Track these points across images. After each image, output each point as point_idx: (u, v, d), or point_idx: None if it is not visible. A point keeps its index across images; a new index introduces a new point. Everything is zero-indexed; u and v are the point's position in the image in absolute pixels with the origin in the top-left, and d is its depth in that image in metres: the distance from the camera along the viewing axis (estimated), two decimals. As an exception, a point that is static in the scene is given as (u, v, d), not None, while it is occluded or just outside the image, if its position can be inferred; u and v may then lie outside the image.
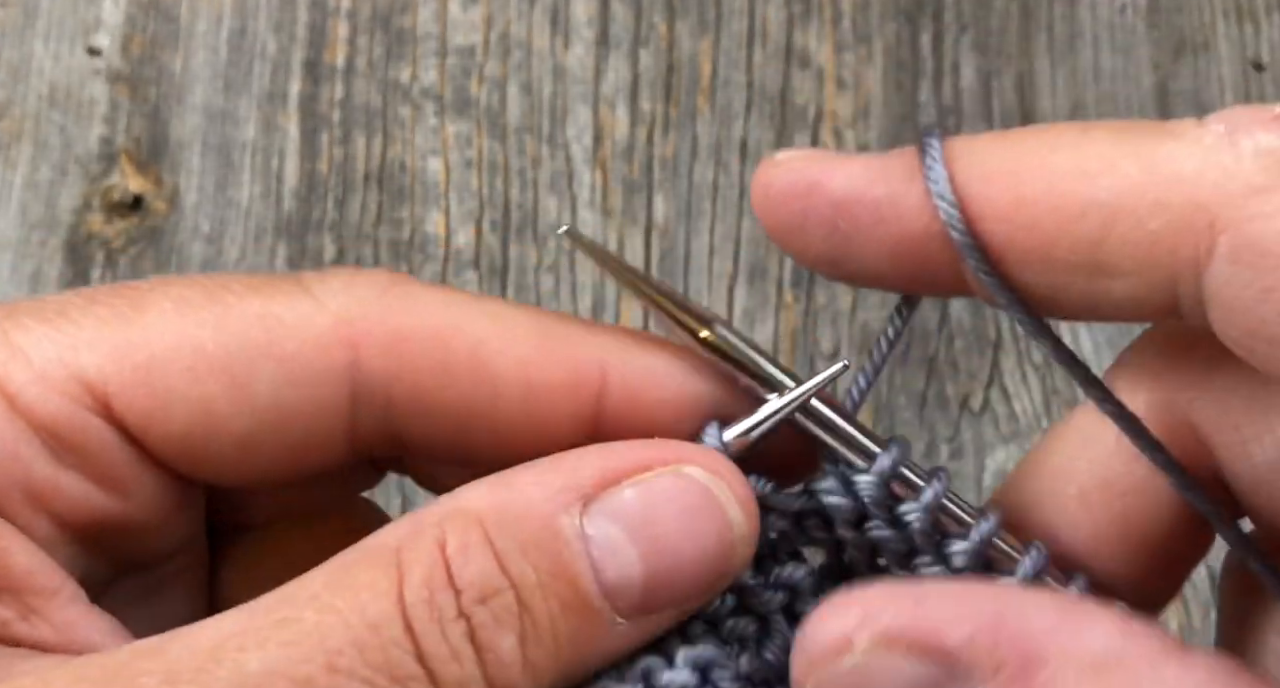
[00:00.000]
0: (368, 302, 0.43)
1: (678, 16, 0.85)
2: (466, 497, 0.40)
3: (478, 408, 0.43)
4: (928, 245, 0.41)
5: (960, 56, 0.85)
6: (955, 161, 0.41)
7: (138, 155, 0.83)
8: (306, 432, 0.43)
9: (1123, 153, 0.38)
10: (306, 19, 0.85)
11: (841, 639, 0.38)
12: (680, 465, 0.41)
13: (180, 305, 0.42)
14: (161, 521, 0.44)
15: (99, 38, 0.84)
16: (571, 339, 0.44)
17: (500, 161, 0.83)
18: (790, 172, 0.42)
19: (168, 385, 0.42)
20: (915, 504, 0.42)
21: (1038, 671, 0.36)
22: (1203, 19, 0.85)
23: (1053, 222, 0.39)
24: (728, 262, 0.82)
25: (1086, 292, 0.40)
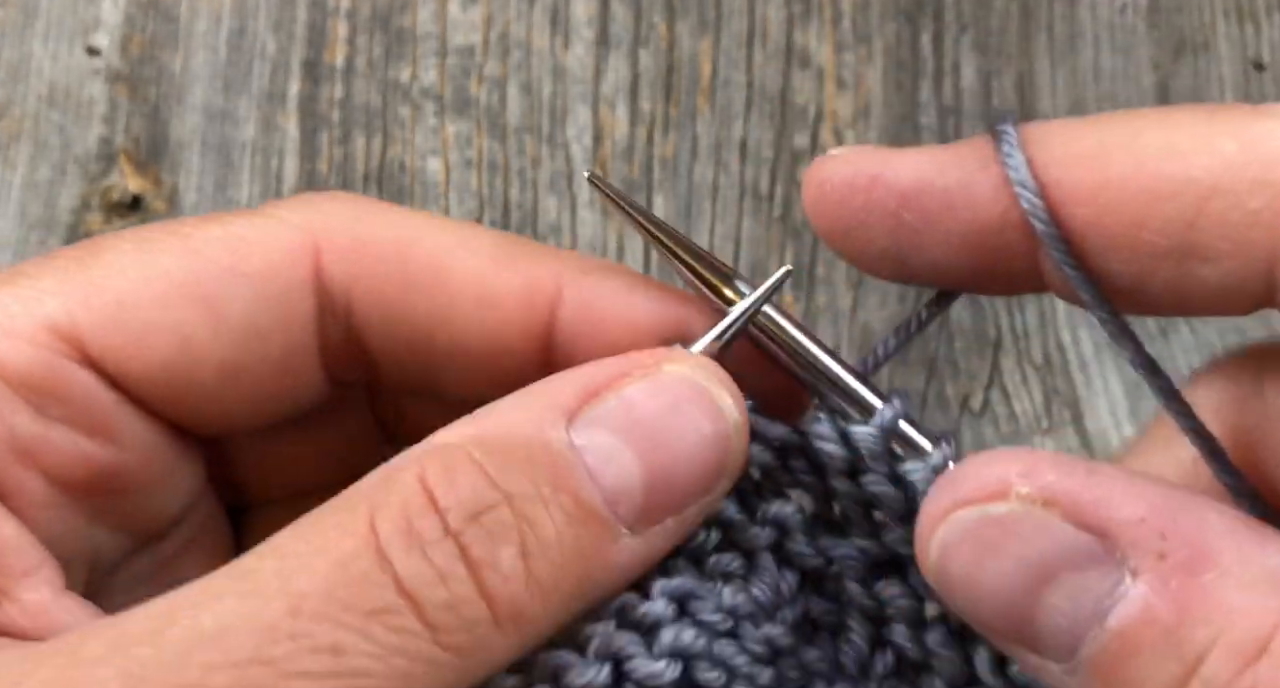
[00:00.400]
0: (329, 215, 0.43)
1: (678, 16, 0.85)
2: (443, 434, 0.38)
3: (436, 314, 0.43)
4: (1003, 235, 0.39)
5: (960, 56, 0.85)
6: (1033, 145, 0.39)
7: (137, 155, 0.83)
8: (283, 350, 0.43)
9: (1217, 131, 0.37)
10: (306, 19, 0.85)
11: (1001, 483, 0.36)
12: (659, 365, 0.40)
13: (139, 243, 0.42)
14: (158, 473, 0.43)
15: (98, 37, 0.84)
16: (529, 255, 0.43)
17: (500, 161, 0.83)
18: (848, 165, 0.41)
19: (139, 318, 0.41)
20: (921, 466, 0.40)
21: (1206, 568, 0.34)
22: (1203, 19, 0.85)
23: (1142, 201, 0.37)
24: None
25: (1175, 279, 0.38)
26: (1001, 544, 0.36)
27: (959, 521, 0.36)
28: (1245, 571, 0.34)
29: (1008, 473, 0.36)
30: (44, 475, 0.41)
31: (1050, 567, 0.35)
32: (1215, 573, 0.34)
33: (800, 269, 0.82)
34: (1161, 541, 0.34)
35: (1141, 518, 0.35)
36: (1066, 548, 0.35)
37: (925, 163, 0.40)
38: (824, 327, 0.81)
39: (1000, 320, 0.81)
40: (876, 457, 0.41)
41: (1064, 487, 0.35)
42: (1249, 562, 0.34)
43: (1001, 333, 0.81)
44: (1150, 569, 0.34)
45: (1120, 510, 0.35)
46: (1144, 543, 0.35)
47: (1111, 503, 0.35)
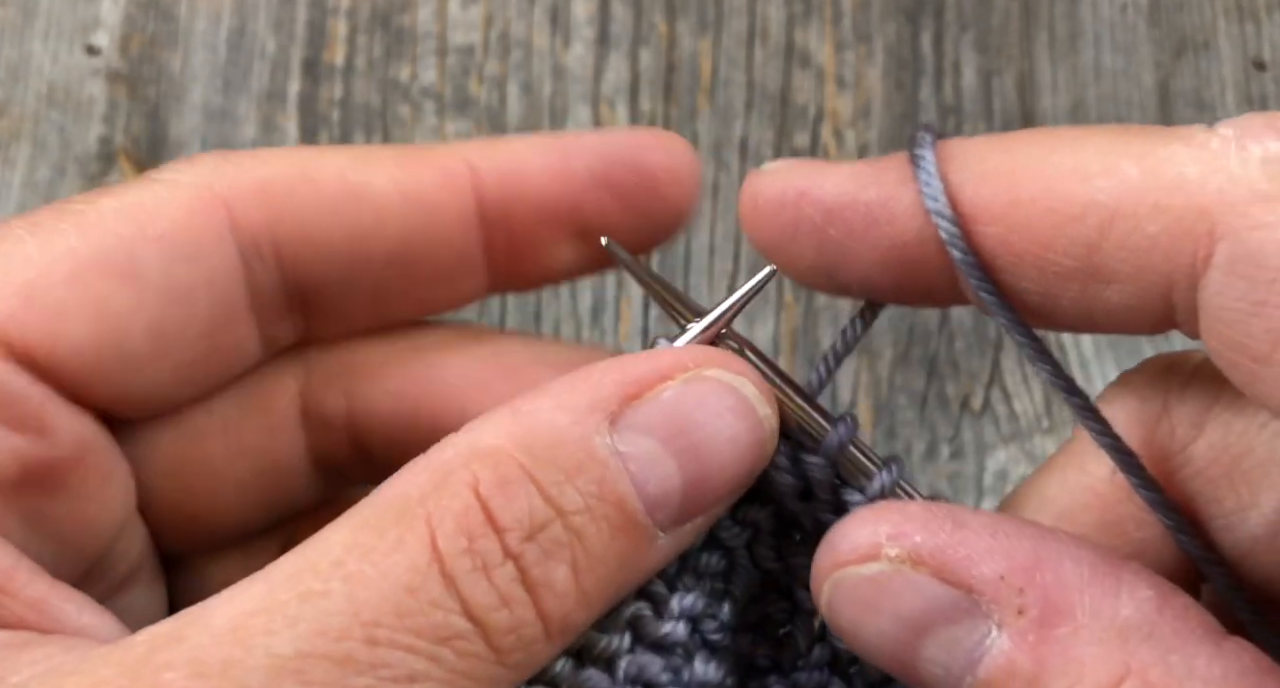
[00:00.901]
0: (219, 167, 0.43)
1: (678, 15, 0.85)
2: (484, 432, 0.38)
3: (365, 230, 0.43)
4: (922, 250, 0.40)
5: (961, 55, 0.85)
6: (949, 163, 0.40)
7: (136, 155, 0.83)
8: (210, 307, 0.42)
9: (1123, 154, 0.37)
10: (306, 18, 0.85)
11: (871, 546, 0.38)
12: (701, 369, 0.40)
13: (32, 228, 0.41)
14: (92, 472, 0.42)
15: (98, 37, 0.84)
16: (435, 150, 0.44)
17: (500, 161, 0.83)
18: (778, 180, 0.42)
19: (55, 299, 0.40)
20: (861, 497, 0.42)
21: (1060, 624, 0.36)
22: (1204, 18, 0.85)
23: (1049, 223, 0.38)
24: (728, 261, 0.82)
25: (1081, 299, 0.39)
26: (877, 603, 0.38)
27: (839, 581, 0.38)
28: (1096, 623, 0.36)
29: (878, 534, 0.38)
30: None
31: (924, 622, 0.37)
32: (1069, 627, 0.36)
33: (800, 269, 0.82)
34: (1020, 596, 0.36)
35: (1001, 575, 0.36)
36: (937, 604, 0.37)
37: (849, 179, 0.41)
38: (824, 326, 0.81)
39: (1001, 320, 0.81)
40: (822, 484, 0.42)
41: (929, 546, 0.37)
42: (1100, 614, 0.36)
43: (1002, 333, 0.81)
44: (1011, 624, 0.36)
45: (981, 567, 0.37)
46: (1004, 599, 0.36)
47: (973, 559, 0.37)
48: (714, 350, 0.41)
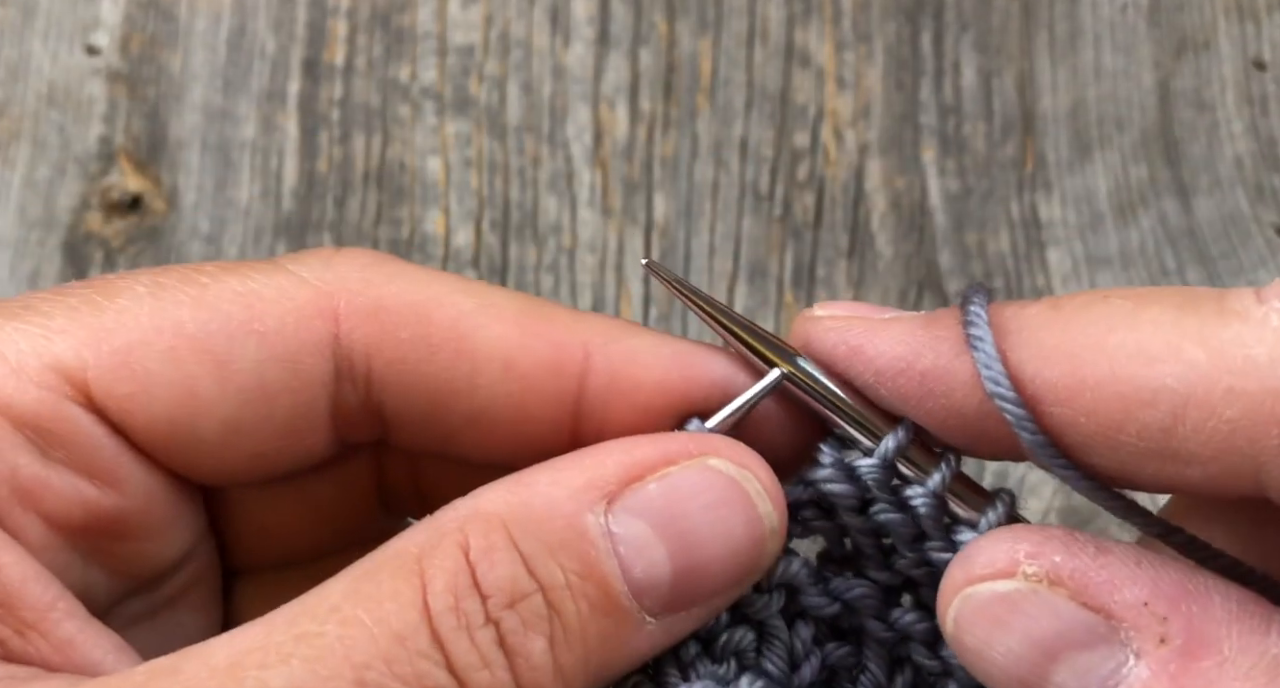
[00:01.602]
0: (348, 276, 0.42)
1: (678, 15, 0.85)
2: (484, 499, 0.38)
3: (457, 384, 0.42)
4: (982, 424, 0.40)
5: (961, 55, 0.85)
6: (1005, 339, 0.39)
7: (136, 154, 0.83)
8: (291, 410, 0.42)
9: (1185, 335, 0.37)
10: (305, 18, 0.85)
11: (1009, 562, 0.37)
12: (705, 457, 0.39)
13: (154, 288, 0.41)
14: (157, 521, 0.43)
15: (98, 37, 0.84)
16: (555, 320, 0.42)
17: (500, 161, 0.83)
18: (829, 333, 0.41)
19: (148, 368, 0.40)
20: (921, 489, 0.41)
21: (1206, 655, 0.35)
22: (1204, 18, 0.85)
23: (1119, 407, 0.37)
24: (728, 261, 0.82)
25: (1160, 474, 0.38)
26: (1009, 622, 0.37)
27: (970, 597, 0.37)
28: (1244, 658, 0.35)
29: (1016, 551, 0.37)
30: (42, 518, 0.40)
31: (1056, 645, 0.36)
32: (1214, 660, 0.35)
33: (800, 269, 0.82)
34: (1163, 625, 0.35)
35: (1144, 601, 0.35)
36: (1072, 627, 0.36)
37: (902, 342, 0.41)
38: (824, 326, 0.81)
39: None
40: (881, 487, 0.42)
41: (1070, 567, 0.36)
42: (1249, 650, 0.35)
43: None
44: (1151, 653, 0.35)
45: (1124, 592, 0.36)
46: (1146, 626, 0.35)
47: (1115, 584, 0.36)
48: (725, 440, 0.41)
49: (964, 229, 0.82)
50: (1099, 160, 0.83)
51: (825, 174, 0.83)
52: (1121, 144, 0.83)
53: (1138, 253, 0.82)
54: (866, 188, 0.83)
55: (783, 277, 0.82)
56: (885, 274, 0.82)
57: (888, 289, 0.82)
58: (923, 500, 0.41)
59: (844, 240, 0.82)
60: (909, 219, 0.83)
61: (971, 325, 0.39)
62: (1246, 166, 0.82)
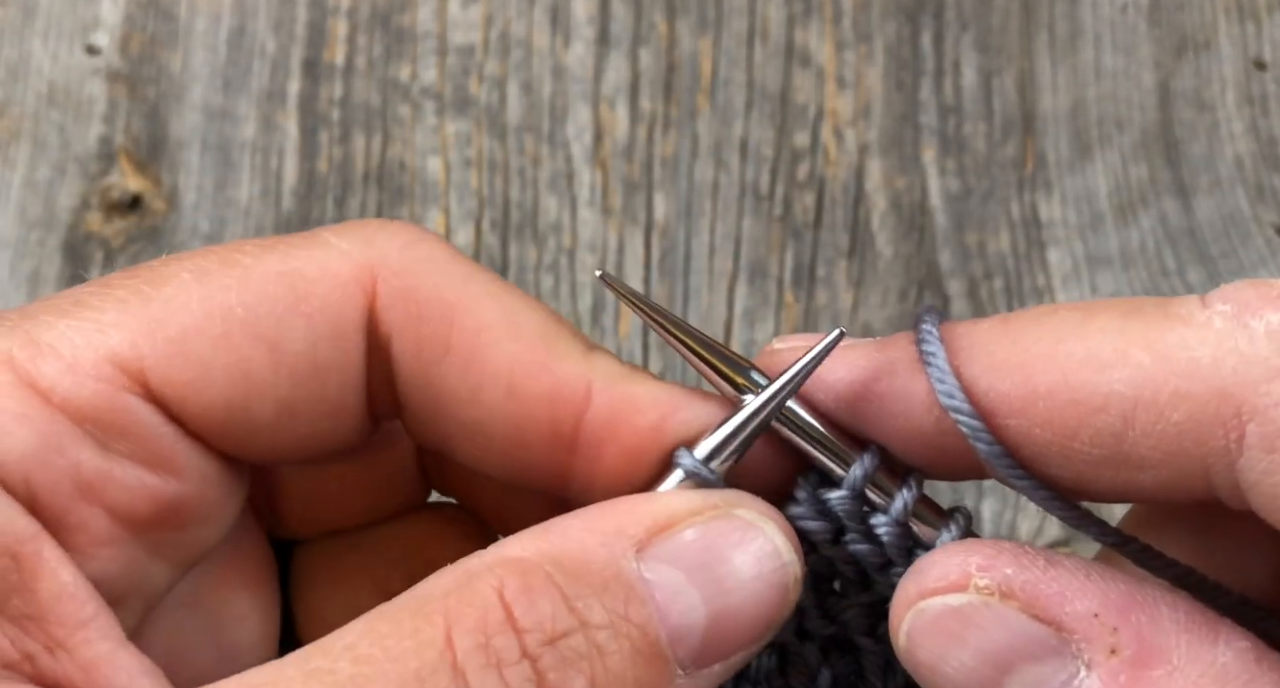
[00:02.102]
0: (388, 255, 0.43)
1: (678, 15, 0.85)
2: (513, 547, 0.38)
3: (461, 393, 0.42)
4: (942, 440, 0.40)
5: (961, 55, 0.85)
6: (958, 354, 0.40)
7: (136, 154, 0.83)
8: (338, 389, 0.42)
9: (1132, 341, 0.37)
10: (306, 18, 0.85)
11: (960, 575, 0.37)
12: (730, 508, 0.40)
13: (199, 275, 0.41)
14: (212, 504, 0.43)
15: (98, 36, 0.84)
16: (568, 354, 0.42)
17: (500, 161, 0.83)
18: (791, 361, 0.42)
19: (202, 355, 0.40)
20: (885, 518, 0.42)
21: (1156, 664, 0.35)
22: (1204, 17, 0.85)
23: (1071, 415, 0.38)
24: (728, 261, 0.82)
25: (1114, 481, 0.38)
26: (962, 635, 0.37)
27: (923, 611, 0.38)
28: (1193, 667, 0.35)
29: (968, 564, 0.37)
30: (108, 512, 0.40)
31: (1009, 658, 0.37)
32: (1164, 670, 0.35)
33: (800, 269, 0.82)
34: (1113, 635, 0.36)
35: (1094, 612, 0.36)
36: (1024, 639, 0.36)
37: (858, 366, 0.41)
38: (824, 326, 0.81)
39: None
40: (851, 516, 0.42)
41: (1021, 579, 0.37)
42: (1198, 659, 0.35)
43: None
44: (1102, 664, 0.36)
45: (1074, 604, 0.36)
46: (1096, 638, 0.36)
47: (1066, 596, 0.36)
48: (745, 494, 0.41)
49: (964, 229, 0.82)
50: (1099, 160, 0.83)
51: (825, 174, 0.83)
52: (1121, 144, 0.83)
53: (1138, 253, 0.82)
54: (866, 188, 0.83)
55: (783, 277, 0.82)
56: (885, 274, 0.82)
57: (888, 289, 0.82)
58: (886, 529, 0.42)
59: (844, 240, 0.82)
60: (909, 219, 0.83)
61: (924, 343, 0.40)
62: (1246, 166, 0.82)
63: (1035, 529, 0.78)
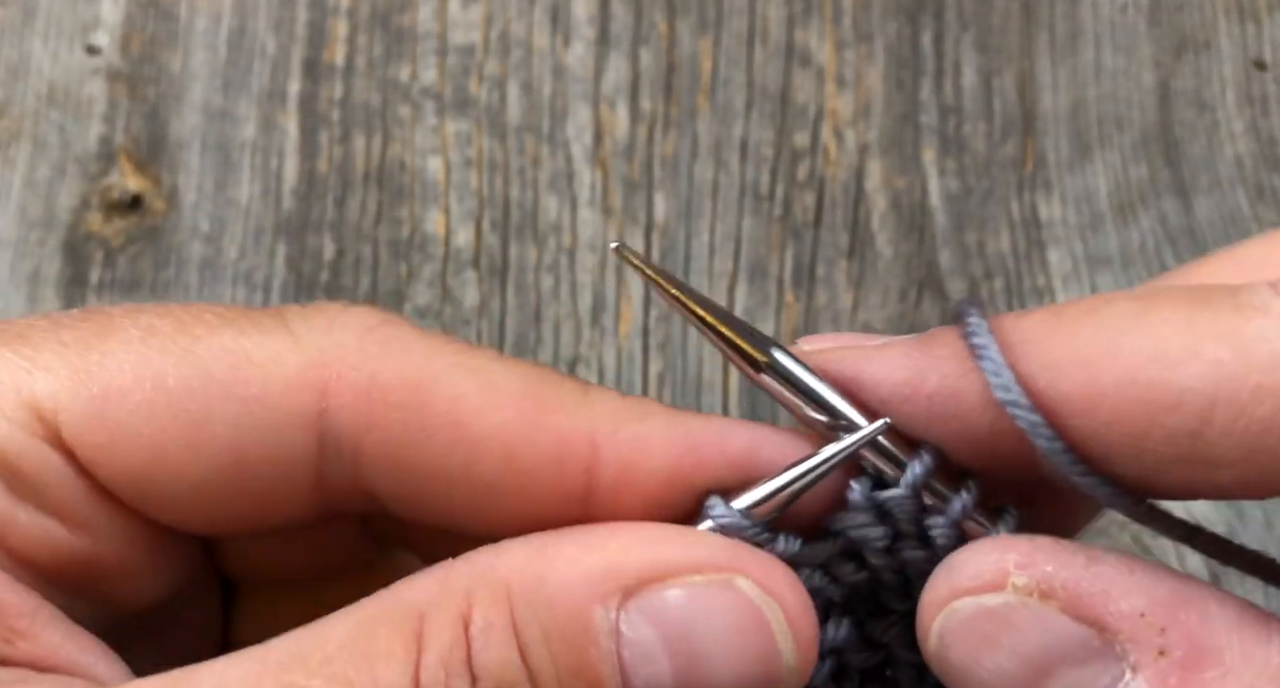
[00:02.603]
0: (346, 345, 0.40)
1: (678, 15, 0.85)
2: (501, 560, 0.37)
3: (454, 471, 0.40)
4: (996, 441, 0.38)
5: (961, 55, 0.85)
6: (1010, 350, 0.37)
7: (137, 154, 0.83)
8: (270, 481, 0.40)
9: (1204, 335, 0.35)
10: (306, 18, 0.85)
11: (997, 573, 0.35)
12: (734, 576, 0.37)
13: (147, 334, 0.40)
14: (137, 563, 0.41)
15: (98, 36, 0.84)
16: (559, 406, 0.40)
17: (500, 161, 0.83)
18: (824, 366, 0.39)
19: (120, 420, 0.39)
20: (942, 519, 0.39)
21: (1208, 666, 0.33)
22: (1204, 17, 0.85)
23: (1142, 414, 0.35)
24: (728, 261, 0.82)
25: (1187, 479, 0.36)
26: (999, 637, 0.35)
27: (956, 612, 0.36)
28: (1248, 668, 0.33)
29: (1005, 562, 0.35)
30: (9, 554, 0.39)
31: (1049, 661, 0.35)
32: (1217, 671, 0.33)
33: (800, 269, 0.82)
34: (1162, 636, 0.34)
35: (1141, 612, 0.34)
36: (1065, 642, 0.35)
37: (903, 366, 0.38)
38: (824, 326, 0.81)
39: (1001, 320, 0.81)
40: (909, 520, 0.40)
41: (1062, 578, 0.35)
42: (1251, 658, 0.33)
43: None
44: (1150, 666, 0.34)
45: (1119, 603, 0.34)
46: (1144, 638, 0.34)
47: (1110, 596, 0.34)
48: (759, 558, 0.38)
49: (964, 229, 0.82)
50: (1099, 160, 0.83)
51: (825, 174, 0.83)
52: (1121, 144, 0.83)
53: (1138, 253, 0.82)
54: (866, 188, 0.83)
55: (783, 277, 0.82)
56: (885, 274, 0.82)
57: (888, 289, 0.82)
58: (942, 531, 0.39)
59: (844, 240, 0.82)
60: (909, 219, 0.82)
61: (973, 335, 0.38)
62: (1246, 166, 0.82)
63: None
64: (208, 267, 0.81)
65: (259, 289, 0.81)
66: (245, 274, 0.81)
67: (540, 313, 0.81)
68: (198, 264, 0.81)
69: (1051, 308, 0.38)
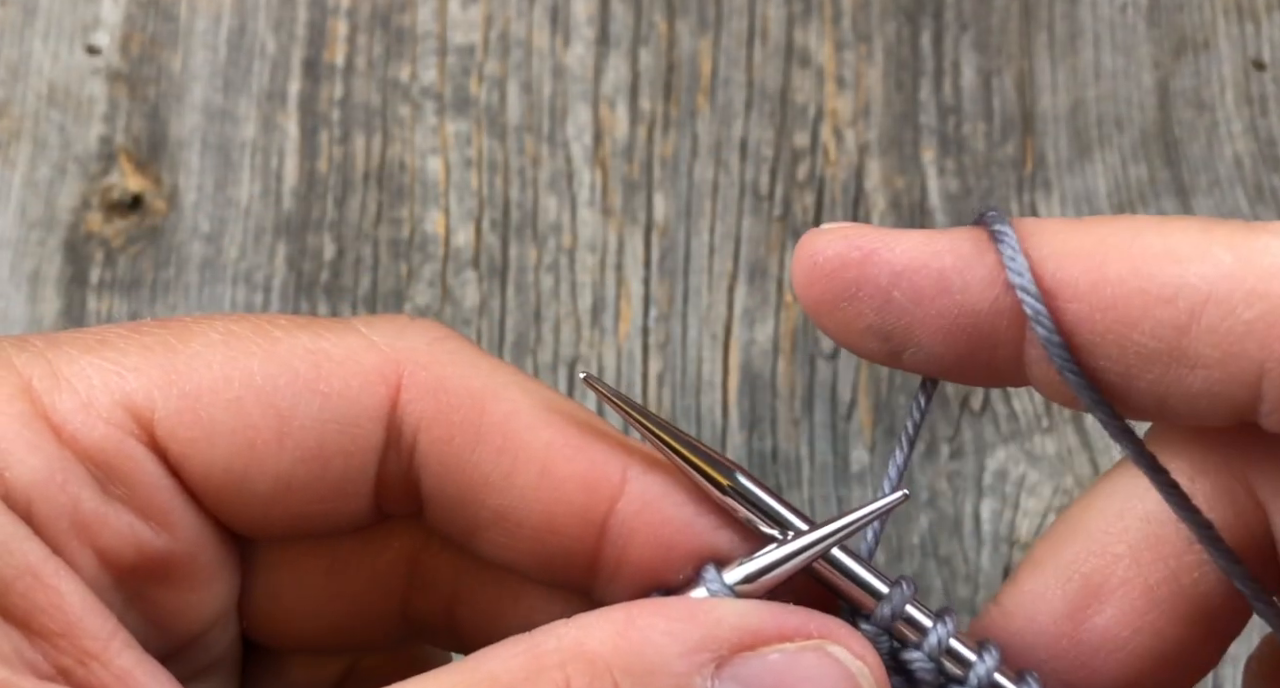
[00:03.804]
0: (417, 347, 0.43)
1: (678, 15, 0.85)
2: (591, 636, 0.37)
3: (493, 478, 0.42)
4: (992, 323, 0.39)
5: (961, 55, 0.85)
6: (1028, 239, 0.39)
7: (137, 154, 0.83)
8: (342, 473, 0.42)
9: (1214, 240, 0.37)
10: (306, 18, 0.85)
11: None
12: (825, 642, 0.38)
13: (228, 337, 0.41)
14: (201, 570, 0.42)
15: (98, 36, 0.84)
16: (602, 440, 0.42)
17: (500, 161, 0.83)
18: (843, 239, 0.40)
19: (213, 416, 0.40)
20: (919, 653, 0.40)
21: None
22: (1203, 17, 0.85)
23: (1137, 303, 0.37)
24: (728, 261, 0.82)
25: (1159, 382, 0.38)
26: None
27: None
28: None
29: None
30: (97, 554, 0.40)
31: None
32: None
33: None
34: None
35: None
36: None
37: (921, 244, 0.40)
38: (824, 326, 0.81)
39: (1000, 320, 0.81)
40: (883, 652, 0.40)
41: None
42: None
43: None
44: None
45: None
46: None
47: None
48: (846, 628, 0.39)
49: (964, 229, 0.82)
50: (1099, 160, 0.83)
51: (825, 174, 0.83)
52: (1121, 144, 0.83)
53: (1137, 253, 0.82)
54: (866, 188, 0.83)
55: (783, 277, 0.82)
56: (885, 274, 0.82)
57: (887, 289, 0.82)
58: (921, 664, 0.40)
59: (844, 240, 0.82)
60: (909, 219, 0.83)
61: (995, 222, 0.39)
62: (1246, 166, 0.83)
63: (1035, 529, 0.78)
64: (208, 266, 0.81)
65: (259, 289, 0.81)
66: (245, 274, 0.81)
67: (540, 313, 0.81)
68: (198, 264, 0.81)
69: (1073, 219, 0.40)
